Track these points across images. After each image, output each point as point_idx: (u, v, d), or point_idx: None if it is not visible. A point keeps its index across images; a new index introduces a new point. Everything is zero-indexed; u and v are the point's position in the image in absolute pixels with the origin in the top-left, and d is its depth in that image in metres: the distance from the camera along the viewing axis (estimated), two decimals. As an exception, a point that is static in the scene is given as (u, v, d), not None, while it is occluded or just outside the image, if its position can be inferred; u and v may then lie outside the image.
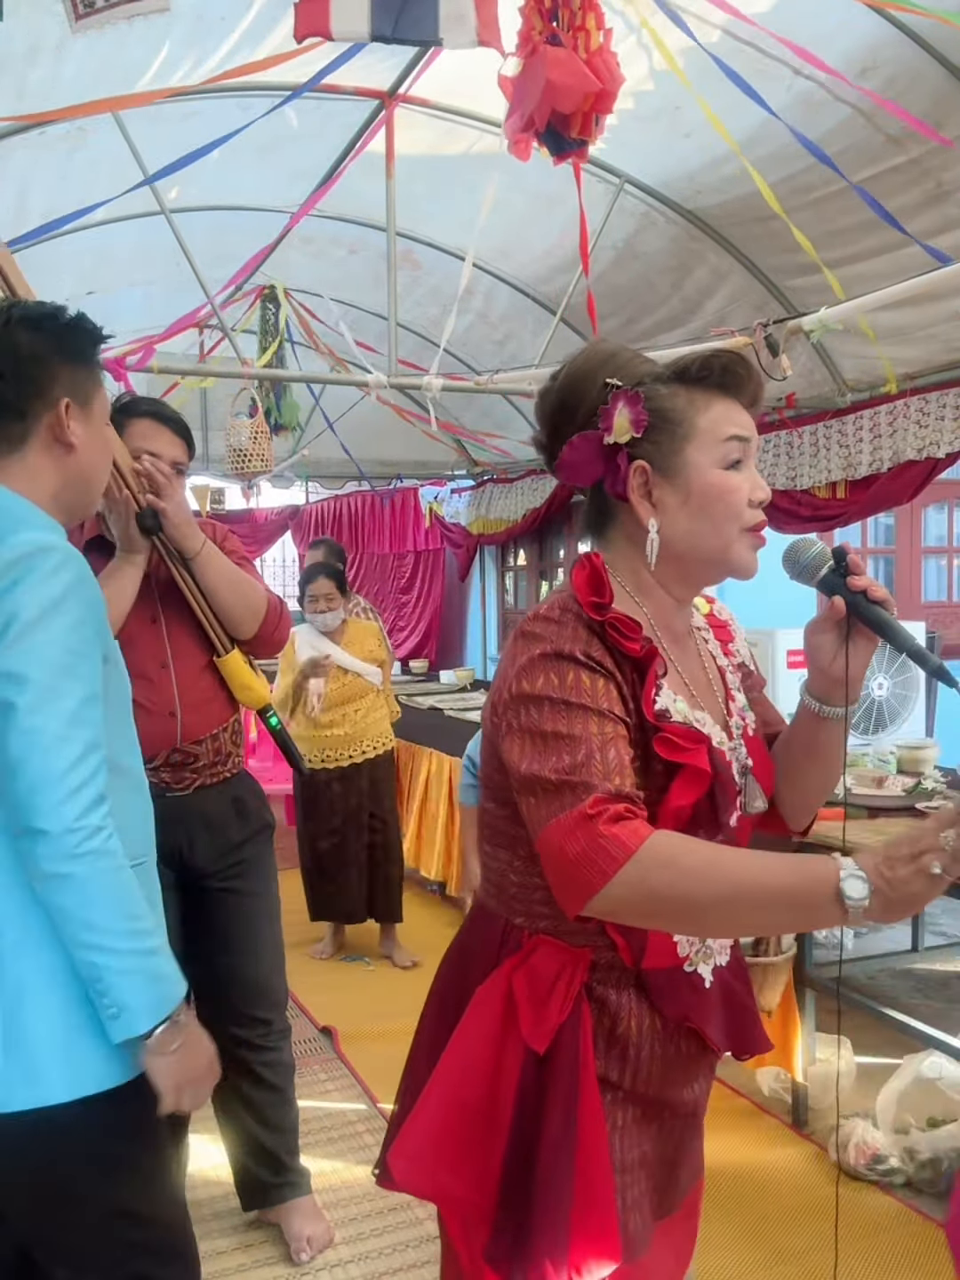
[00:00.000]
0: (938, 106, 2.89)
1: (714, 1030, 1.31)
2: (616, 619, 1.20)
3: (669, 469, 1.25)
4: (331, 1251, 2.49)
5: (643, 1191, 1.27)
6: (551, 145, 2.45)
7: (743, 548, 1.26)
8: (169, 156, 3.07)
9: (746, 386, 1.26)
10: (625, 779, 1.13)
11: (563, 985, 1.23)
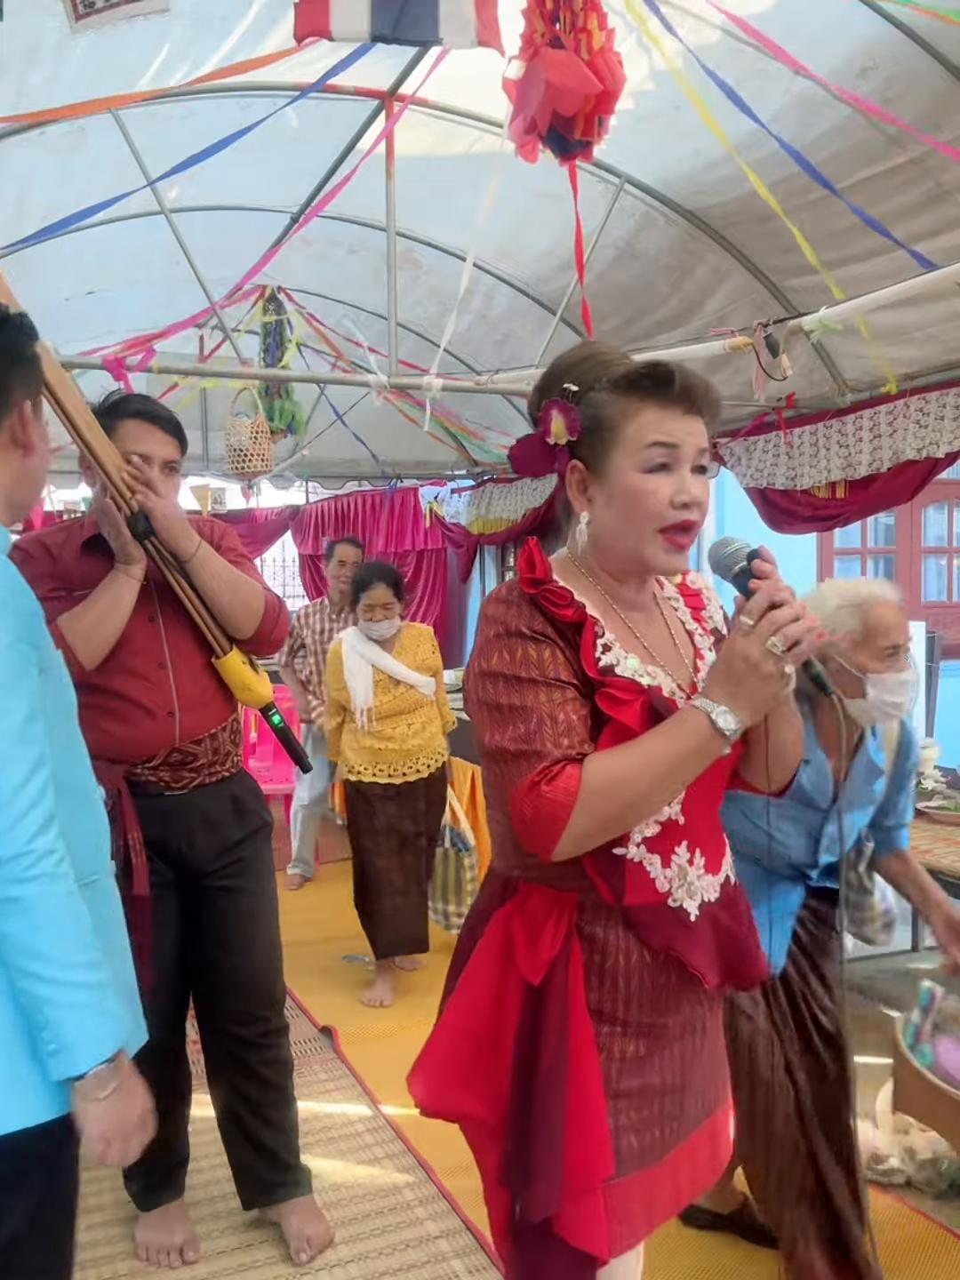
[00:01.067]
0: (937, 106, 2.89)
1: (702, 962, 1.40)
2: (548, 590, 1.35)
3: (599, 471, 1.39)
4: (331, 1251, 2.49)
5: (646, 1118, 1.39)
6: (555, 147, 2.45)
7: (655, 549, 1.37)
8: (169, 156, 3.08)
9: (680, 396, 1.36)
10: (574, 738, 1.30)
11: (552, 924, 1.37)
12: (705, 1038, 1.48)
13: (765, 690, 1.28)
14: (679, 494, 1.34)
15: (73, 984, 1.26)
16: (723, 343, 3.32)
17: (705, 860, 1.43)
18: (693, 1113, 1.47)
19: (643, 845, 1.37)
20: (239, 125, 3.08)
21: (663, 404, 1.36)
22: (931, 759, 3.78)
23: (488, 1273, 2.41)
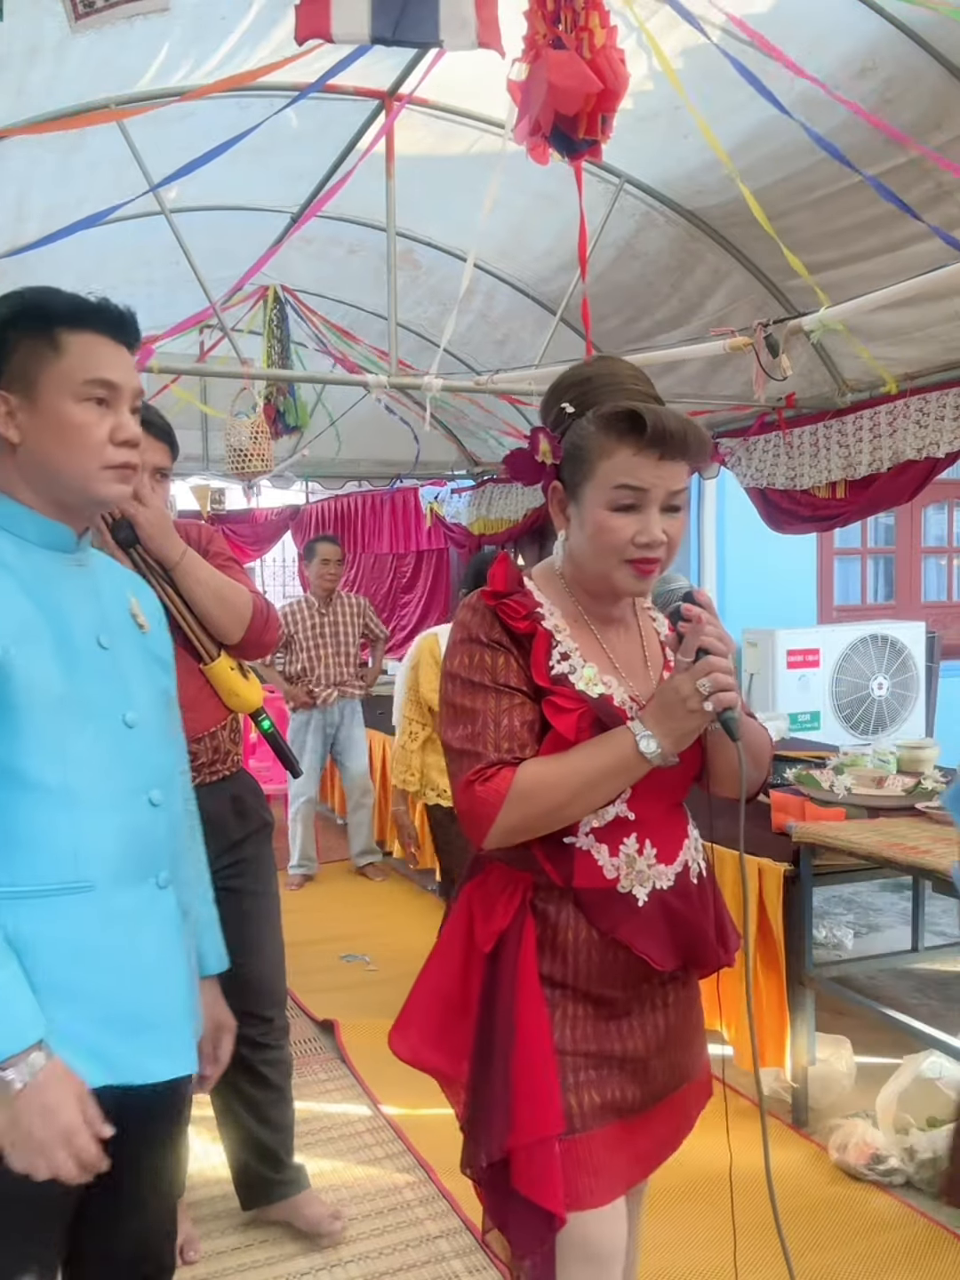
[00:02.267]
0: (937, 106, 2.89)
1: (649, 946, 1.48)
2: (505, 604, 1.46)
3: (575, 497, 1.48)
4: (332, 1251, 2.49)
5: (605, 1076, 1.48)
6: (561, 147, 2.44)
7: (622, 575, 1.45)
8: (168, 156, 3.08)
9: (654, 441, 1.39)
10: (515, 743, 1.42)
11: (505, 898, 1.49)
12: (669, 1014, 1.55)
13: (688, 724, 1.39)
14: (641, 535, 1.42)
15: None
16: (723, 343, 3.32)
17: (658, 851, 1.50)
18: (662, 1082, 1.55)
19: (591, 835, 1.47)
20: (239, 126, 3.08)
21: (637, 449, 1.40)
22: (931, 759, 3.78)
23: (487, 1272, 2.41)
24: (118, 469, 1.37)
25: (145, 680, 1.47)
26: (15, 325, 1.36)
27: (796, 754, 4.05)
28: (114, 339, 1.39)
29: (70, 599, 1.40)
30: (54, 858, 1.32)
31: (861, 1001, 3.06)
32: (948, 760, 3.86)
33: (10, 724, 1.30)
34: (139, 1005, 1.37)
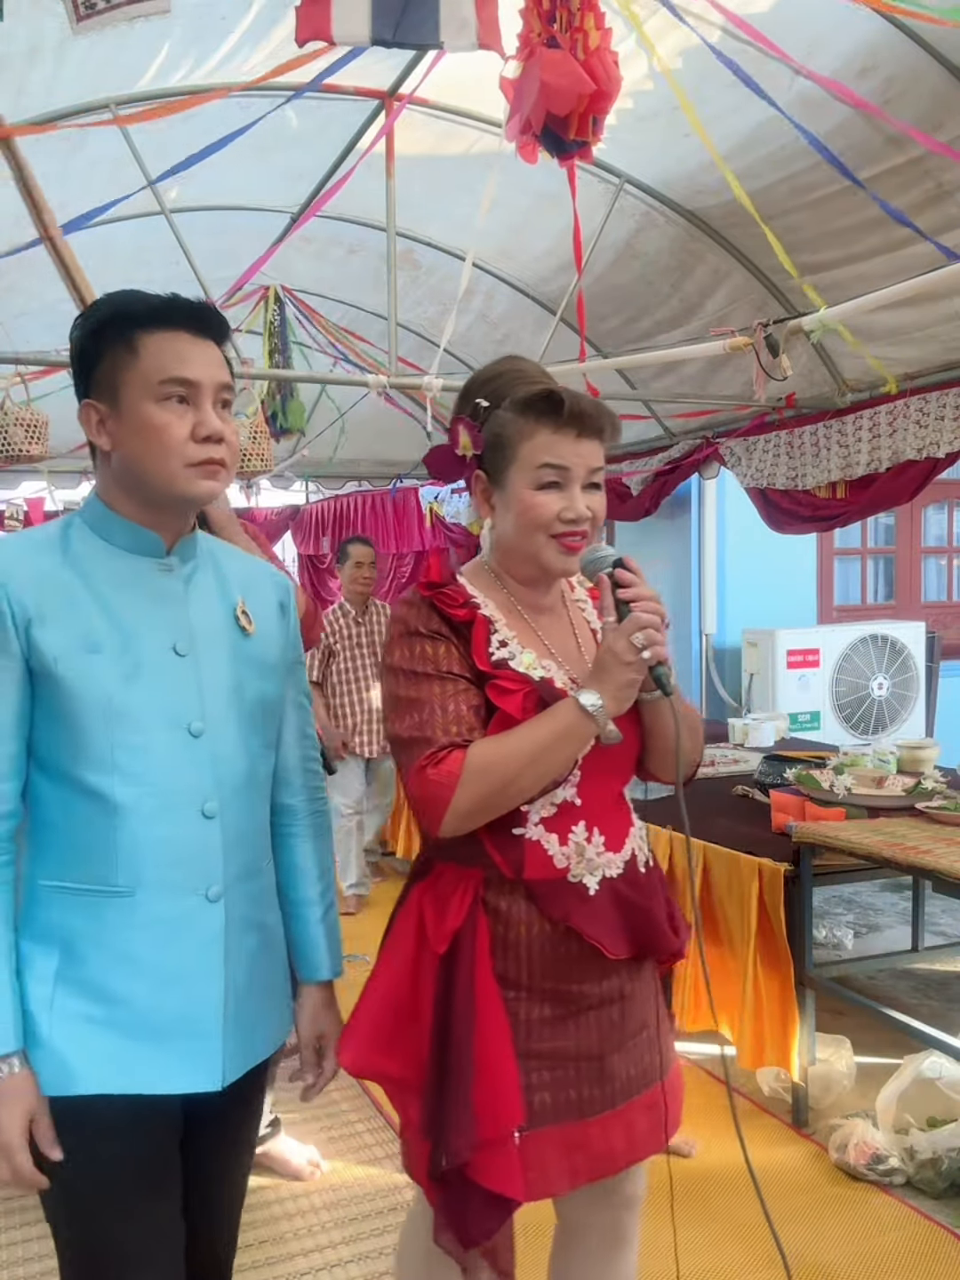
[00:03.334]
0: (937, 106, 2.89)
1: (604, 934, 1.50)
2: (442, 593, 1.50)
3: (499, 483, 1.53)
4: (331, 1251, 2.49)
5: (560, 1078, 1.50)
6: (551, 147, 2.45)
7: (550, 552, 1.51)
8: (168, 155, 3.08)
9: (571, 420, 1.47)
10: (463, 726, 1.44)
11: (458, 898, 1.50)
12: (626, 1008, 1.56)
13: (625, 677, 1.42)
14: (566, 510, 1.49)
15: None
16: (723, 343, 3.32)
17: (605, 839, 1.53)
18: (622, 1080, 1.55)
19: (540, 825, 1.49)
20: (239, 125, 3.08)
21: (555, 428, 1.48)
22: (931, 759, 3.78)
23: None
24: (201, 466, 1.37)
25: (230, 687, 1.46)
26: (99, 334, 1.38)
27: (796, 754, 4.05)
28: (193, 334, 1.38)
29: (149, 606, 1.41)
30: (97, 861, 1.35)
31: (861, 1001, 3.06)
32: (948, 760, 3.86)
33: (63, 731, 1.35)
34: (166, 1015, 1.37)
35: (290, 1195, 2.71)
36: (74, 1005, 1.34)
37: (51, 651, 1.33)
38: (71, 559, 1.39)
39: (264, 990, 1.50)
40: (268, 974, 1.52)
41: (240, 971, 1.45)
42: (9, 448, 4.35)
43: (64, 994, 1.35)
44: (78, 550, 1.40)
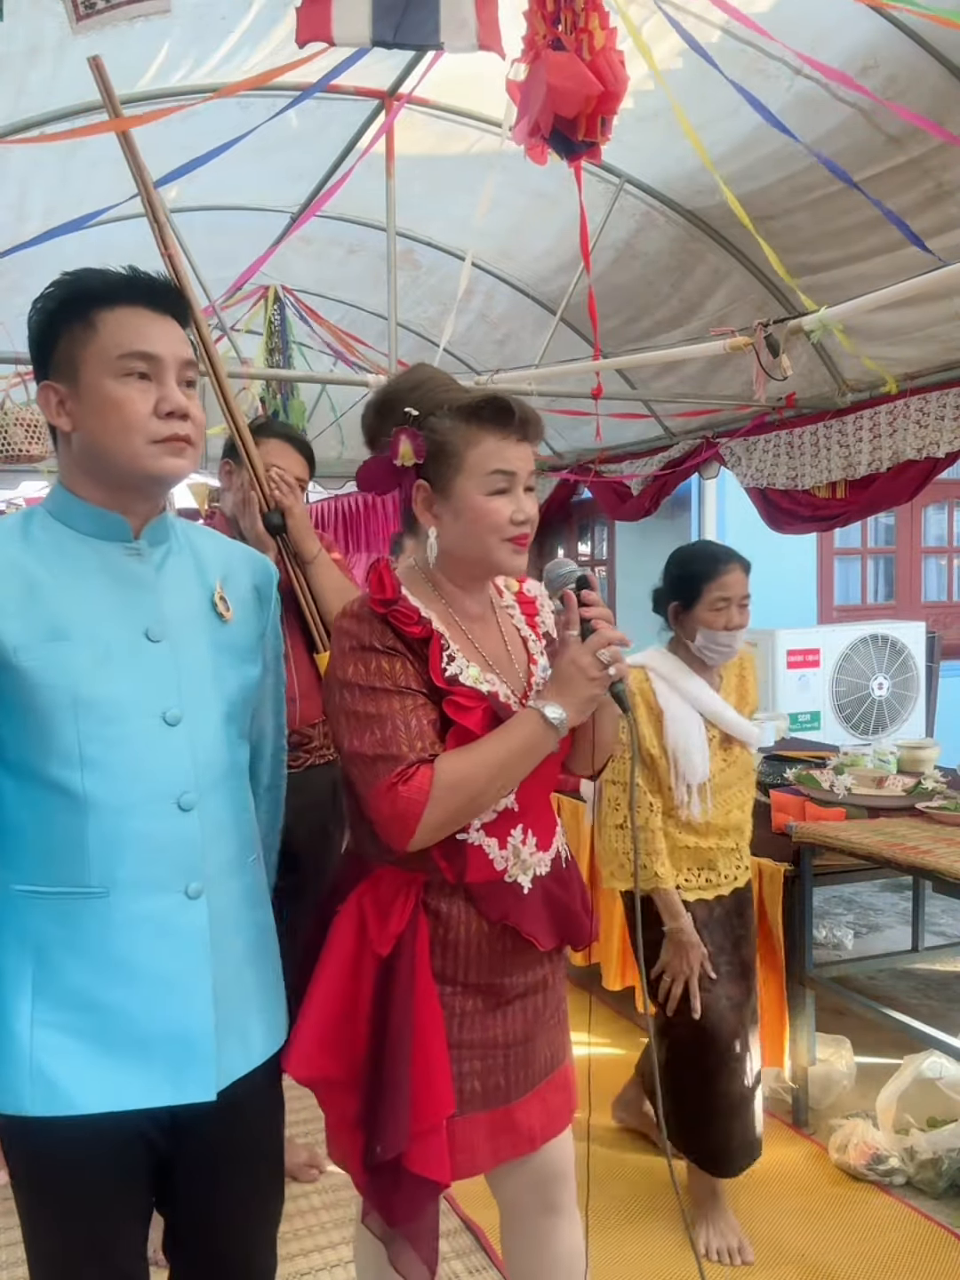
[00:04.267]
0: (938, 106, 2.89)
1: (536, 928, 1.59)
2: (396, 611, 1.51)
3: (444, 491, 1.54)
4: (331, 1251, 2.49)
5: (489, 1066, 1.58)
6: (560, 148, 2.44)
7: (503, 554, 1.54)
8: (168, 155, 3.07)
9: (516, 426, 1.51)
10: (426, 741, 1.47)
11: (400, 901, 1.53)
12: (548, 995, 1.67)
13: (588, 691, 1.48)
14: (517, 513, 1.52)
15: None
16: (723, 343, 3.32)
17: (537, 840, 1.61)
18: (541, 1063, 1.65)
19: (481, 830, 1.54)
20: (239, 125, 3.08)
21: (501, 434, 1.51)
22: (931, 759, 3.78)
23: (487, 1273, 2.41)
24: (165, 442, 1.32)
25: (208, 673, 1.41)
26: (56, 314, 1.34)
27: (796, 754, 4.05)
28: (152, 310, 1.34)
29: (117, 592, 1.36)
30: (68, 861, 1.30)
31: (861, 1001, 3.06)
32: (948, 760, 3.86)
33: (28, 725, 1.29)
34: (152, 1022, 1.32)
35: (290, 1195, 2.70)
36: (55, 1017, 1.29)
37: (11, 642, 1.28)
38: (33, 547, 1.34)
39: (258, 990, 1.45)
40: (262, 973, 1.47)
41: (229, 972, 1.39)
42: (9, 448, 4.35)
43: (44, 1005, 1.29)
44: (39, 539, 1.35)
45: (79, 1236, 1.35)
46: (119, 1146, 1.34)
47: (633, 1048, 3.54)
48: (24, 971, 1.29)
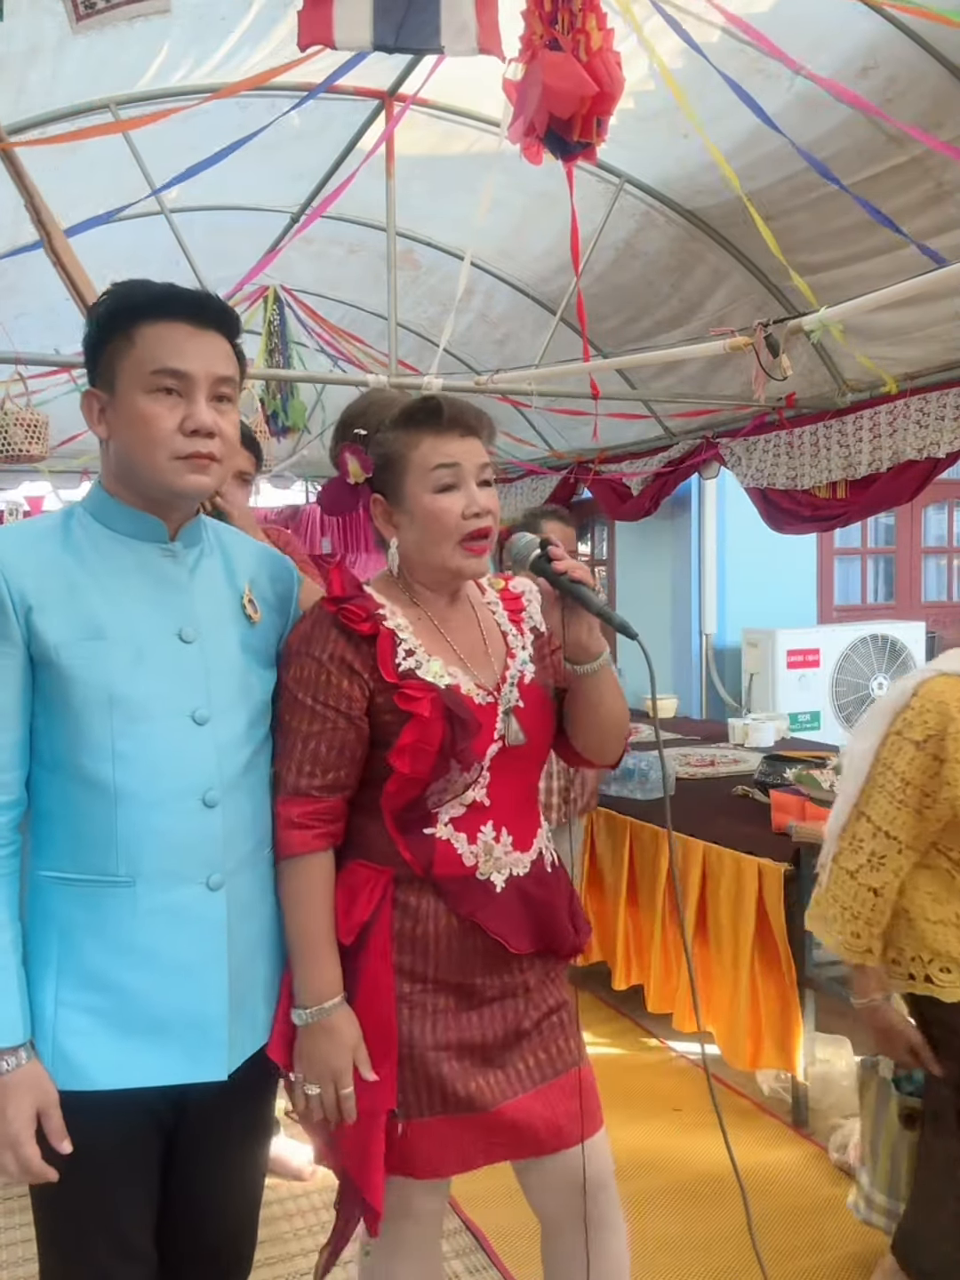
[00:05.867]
0: (938, 106, 2.89)
1: (506, 929, 1.57)
2: (345, 608, 1.52)
3: (397, 499, 1.57)
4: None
5: (465, 1070, 1.55)
6: (555, 148, 2.44)
7: (458, 557, 1.55)
8: (168, 156, 3.08)
9: (452, 422, 1.53)
10: (318, 767, 1.50)
11: (366, 893, 1.54)
12: (531, 999, 1.62)
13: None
14: (469, 507, 1.53)
15: None
16: (723, 343, 3.32)
17: (514, 839, 1.59)
18: (532, 1065, 1.61)
19: (450, 825, 1.54)
20: (239, 125, 3.08)
21: (437, 431, 1.54)
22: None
23: (487, 1273, 2.41)
24: (188, 459, 1.36)
25: (236, 675, 1.46)
26: (103, 324, 1.38)
27: (796, 754, 4.05)
28: (193, 325, 1.37)
29: (152, 593, 1.41)
30: (97, 850, 1.35)
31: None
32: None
33: (64, 720, 1.35)
34: (169, 1006, 1.38)
35: (290, 1195, 2.71)
36: (77, 998, 1.35)
37: (52, 639, 1.33)
38: (73, 547, 1.38)
39: (267, 975, 1.51)
40: (271, 959, 1.52)
41: (243, 959, 1.45)
42: (9, 448, 4.35)
43: (66, 986, 1.35)
44: (79, 538, 1.39)
45: (90, 1206, 1.40)
46: (133, 1123, 1.40)
47: (636, 1048, 3.54)
48: (48, 953, 1.35)
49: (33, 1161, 1.31)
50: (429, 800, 1.53)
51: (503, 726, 1.58)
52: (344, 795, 1.54)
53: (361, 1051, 1.52)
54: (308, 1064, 1.50)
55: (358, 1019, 1.53)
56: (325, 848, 1.52)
